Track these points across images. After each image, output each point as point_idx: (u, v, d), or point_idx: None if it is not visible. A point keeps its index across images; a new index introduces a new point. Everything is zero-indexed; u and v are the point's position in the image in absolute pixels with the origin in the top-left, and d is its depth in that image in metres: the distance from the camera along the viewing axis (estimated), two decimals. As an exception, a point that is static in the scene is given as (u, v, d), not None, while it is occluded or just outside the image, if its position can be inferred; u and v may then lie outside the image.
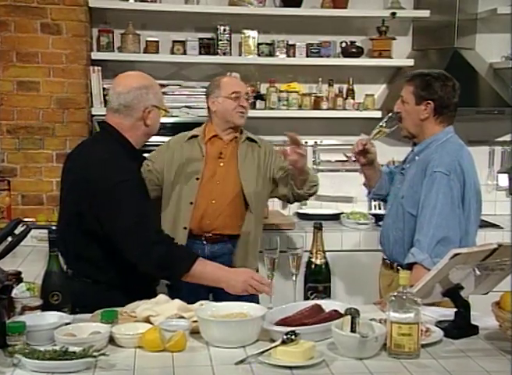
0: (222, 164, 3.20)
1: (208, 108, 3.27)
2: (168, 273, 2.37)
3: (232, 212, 3.17)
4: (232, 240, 3.18)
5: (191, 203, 3.13)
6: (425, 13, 4.29)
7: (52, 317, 2.06)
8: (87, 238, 2.40)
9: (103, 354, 1.84)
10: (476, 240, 2.74)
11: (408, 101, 2.75)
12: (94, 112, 4.00)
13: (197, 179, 3.15)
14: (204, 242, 3.16)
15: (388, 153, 4.21)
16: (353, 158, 2.95)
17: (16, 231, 2.22)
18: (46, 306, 2.12)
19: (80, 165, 2.46)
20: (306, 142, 4.47)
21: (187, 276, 2.33)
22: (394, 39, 4.34)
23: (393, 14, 4.22)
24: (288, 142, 2.94)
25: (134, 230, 2.29)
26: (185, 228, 3.13)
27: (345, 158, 4.09)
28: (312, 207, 4.46)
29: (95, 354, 1.82)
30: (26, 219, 3.70)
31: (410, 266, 2.54)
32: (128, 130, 2.45)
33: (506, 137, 4.59)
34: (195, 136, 3.24)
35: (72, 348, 1.83)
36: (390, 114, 2.81)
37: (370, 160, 2.92)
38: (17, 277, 2.27)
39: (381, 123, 2.81)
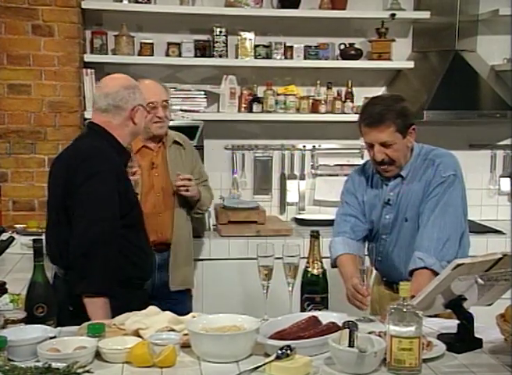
0: (157, 174, 3.08)
1: None
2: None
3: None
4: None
5: None
6: (426, 14, 4.23)
7: (36, 331, 1.97)
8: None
9: (88, 371, 1.76)
10: (470, 240, 2.67)
11: (396, 142, 2.53)
12: (86, 116, 3.91)
13: (137, 194, 2.92)
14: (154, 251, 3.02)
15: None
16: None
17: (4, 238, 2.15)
18: (30, 319, 2.04)
19: (64, 159, 2.49)
20: (304, 146, 4.42)
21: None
22: (394, 41, 4.27)
23: (393, 15, 4.16)
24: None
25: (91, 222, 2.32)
26: None
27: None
28: (310, 212, 4.39)
29: (79, 371, 1.74)
30: (16, 226, 3.65)
31: (410, 273, 2.45)
32: (116, 128, 2.50)
33: (508, 141, 4.52)
34: None
35: (55, 365, 1.75)
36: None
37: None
38: (1, 288, 2.19)
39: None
